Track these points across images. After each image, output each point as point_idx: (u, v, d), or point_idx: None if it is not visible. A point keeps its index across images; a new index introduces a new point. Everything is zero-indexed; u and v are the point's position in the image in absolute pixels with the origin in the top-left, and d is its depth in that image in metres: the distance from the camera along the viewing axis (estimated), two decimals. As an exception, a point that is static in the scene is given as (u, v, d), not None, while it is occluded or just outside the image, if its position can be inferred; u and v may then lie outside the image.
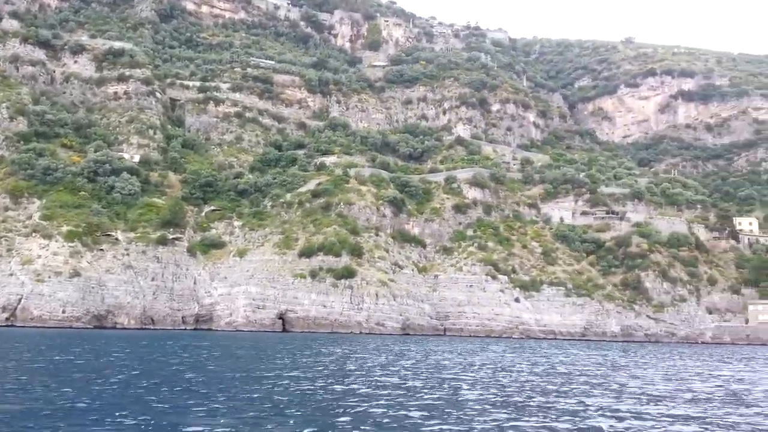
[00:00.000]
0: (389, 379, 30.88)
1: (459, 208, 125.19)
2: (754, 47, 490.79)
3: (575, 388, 29.37)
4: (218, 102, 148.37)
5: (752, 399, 28.44)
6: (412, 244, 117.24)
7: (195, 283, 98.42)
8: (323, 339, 72.50)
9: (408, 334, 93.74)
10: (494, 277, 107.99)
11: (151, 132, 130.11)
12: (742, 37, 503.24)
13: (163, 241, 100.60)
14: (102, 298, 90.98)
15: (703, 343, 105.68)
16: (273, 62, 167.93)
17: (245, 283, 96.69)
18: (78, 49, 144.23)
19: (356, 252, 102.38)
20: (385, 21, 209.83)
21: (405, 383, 29.07)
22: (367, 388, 26.96)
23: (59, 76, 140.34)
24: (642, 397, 27.26)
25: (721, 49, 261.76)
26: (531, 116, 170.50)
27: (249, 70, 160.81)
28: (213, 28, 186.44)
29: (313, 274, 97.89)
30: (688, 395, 28.62)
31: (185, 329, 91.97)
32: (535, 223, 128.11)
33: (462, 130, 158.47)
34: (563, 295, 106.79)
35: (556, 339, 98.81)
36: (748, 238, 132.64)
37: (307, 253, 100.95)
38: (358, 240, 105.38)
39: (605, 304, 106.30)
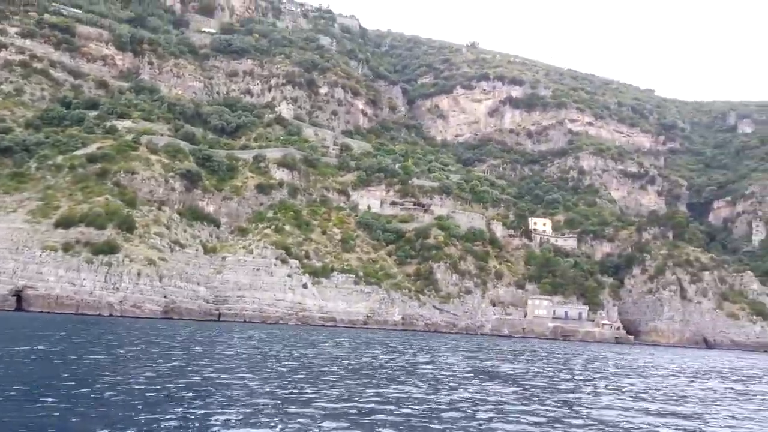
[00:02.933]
0: None
1: (263, 188, 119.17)
2: (581, 65, 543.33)
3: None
4: (1, 47, 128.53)
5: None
6: (204, 223, 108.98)
7: None
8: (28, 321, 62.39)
9: (171, 318, 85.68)
10: (285, 261, 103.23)
11: None
12: (574, 54, 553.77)
13: None
14: None
15: (482, 334, 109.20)
16: (80, 11, 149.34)
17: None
18: None
19: (126, 226, 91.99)
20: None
21: None
22: None
23: None
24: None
25: (553, 63, 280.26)
26: (360, 104, 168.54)
27: (47, 16, 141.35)
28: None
29: (67, 248, 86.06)
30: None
31: None
32: (342, 209, 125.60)
33: (285, 110, 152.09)
34: (352, 282, 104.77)
35: (336, 326, 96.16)
36: (540, 237, 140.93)
37: (64, 223, 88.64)
38: (131, 213, 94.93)
39: (392, 293, 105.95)
